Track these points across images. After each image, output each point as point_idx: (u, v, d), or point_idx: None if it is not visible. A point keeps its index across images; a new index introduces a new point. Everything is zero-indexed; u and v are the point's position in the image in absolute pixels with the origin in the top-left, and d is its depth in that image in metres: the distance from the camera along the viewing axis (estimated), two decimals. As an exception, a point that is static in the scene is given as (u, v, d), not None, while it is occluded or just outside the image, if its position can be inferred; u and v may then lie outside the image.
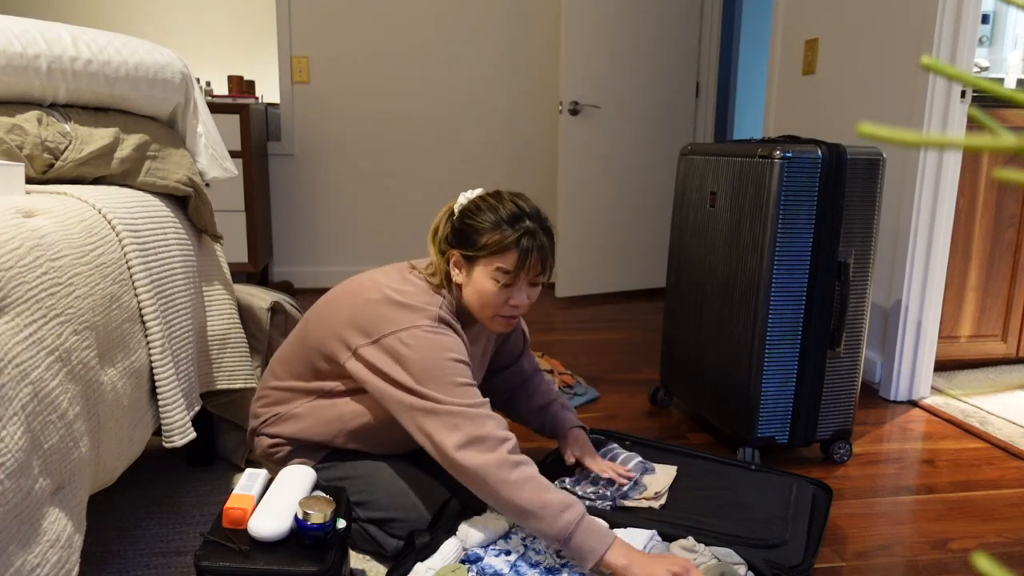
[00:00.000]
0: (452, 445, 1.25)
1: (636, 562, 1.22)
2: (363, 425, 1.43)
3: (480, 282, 1.38)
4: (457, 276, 1.42)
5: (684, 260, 2.16)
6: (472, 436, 1.26)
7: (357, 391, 1.43)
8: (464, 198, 1.44)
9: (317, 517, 1.17)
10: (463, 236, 1.39)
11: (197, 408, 1.55)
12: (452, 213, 1.45)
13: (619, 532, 1.41)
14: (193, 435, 1.39)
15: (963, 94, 2.27)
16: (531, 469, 1.27)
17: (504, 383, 1.75)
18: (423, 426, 1.28)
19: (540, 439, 2.08)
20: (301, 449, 1.51)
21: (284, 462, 1.51)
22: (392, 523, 1.42)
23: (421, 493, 1.43)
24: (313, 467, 1.48)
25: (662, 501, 1.57)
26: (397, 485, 1.44)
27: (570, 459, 1.63)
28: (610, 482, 1.59)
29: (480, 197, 1.42)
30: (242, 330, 1.82)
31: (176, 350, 1.45)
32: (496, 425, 1.29)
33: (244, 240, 3.52)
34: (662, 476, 1.65)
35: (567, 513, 1.24)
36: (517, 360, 1.75)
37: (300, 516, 1.17)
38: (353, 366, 1.36)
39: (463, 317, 1.47)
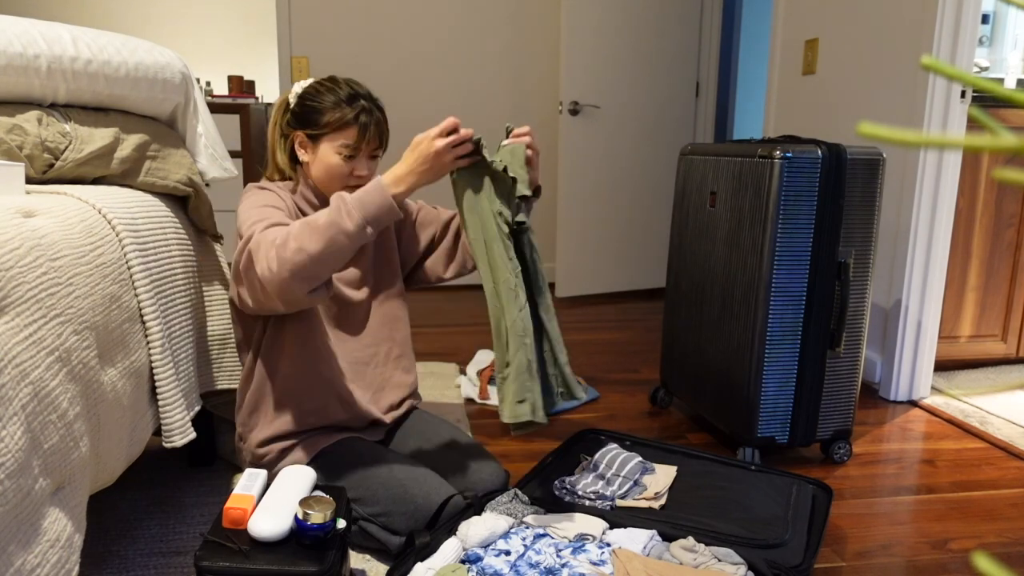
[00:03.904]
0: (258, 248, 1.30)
1: (404, 162, 1.33)
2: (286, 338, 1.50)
3: (326, 158, 1.50)
4: (303, 155, 1.54)
5: (684, 260, 2.16)
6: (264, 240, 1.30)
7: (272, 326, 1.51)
8: (299, 87, 1.55)
9: (317, 517, 1.17)
10: (306, 118, 1.51)
11: (197, 408, 1.55)
12: (288, 103, 1.56)
13: (619, 532, 1.41)
14: (193, 435, 1.39)
15: (963, 94, 2.27)
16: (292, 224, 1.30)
17: (437, 248, 1.73)
18: (246, 245, 1.34)
19: (544, 440, 2.08)
20: (289, 449, 1.52)
21: (274, 464, 1.52)
22: (391, 517, 1.42)
23: (420, 488, 1.43)
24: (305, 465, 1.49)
25: (662, 501, 1.57)
26: (393, 479, 1.44)
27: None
28: (610, 482, 1.59)
29: (317, 81, 1.54)
30: (242, 330, 1.82)
31: (176, 350, 1.45)
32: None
33: (244, 240, 3.52)
34: (662, 476, 1.65)
35: (345, 202, 1.28)
36: (444, 226, 1.71)
37: (300, 516, 1.17)
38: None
39: (317, 195, 1.57)
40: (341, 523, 1.23)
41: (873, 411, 2.36)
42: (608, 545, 1.37)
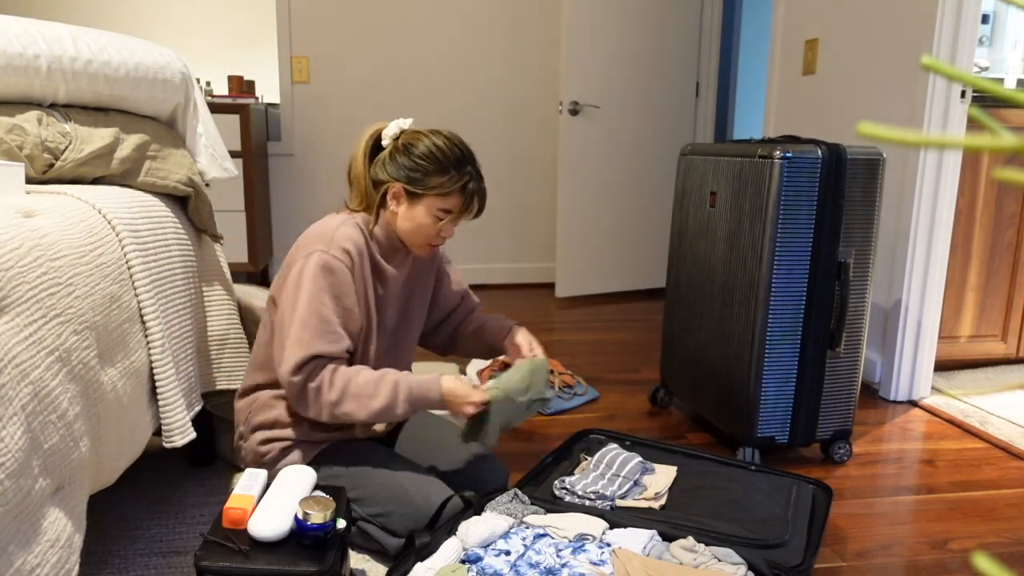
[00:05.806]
0: (289, 367, 1.38)
1: (454, 388, 1.42)
2: None
3: (420, 217, 1.46)
4: (393, 205, 1.48)
5: (684, 260, 2.16)
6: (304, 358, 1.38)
7: None
8: (396, 127, 1.47)
9: (317, 517, 1.17)
10: (409, 172, 1.44)
11: (197, 408, 1.55)
12: (379, 139, 1.49)
13: (619, 532, 1.41)
14: (193, 435, 1.39)
15: (963, 94, 2.27)
16: (351, 379, 1.39)
17: (452, 323, 1.77)
18: (278, 335, 1.41)
19: (544, 440, 2.08)
20: (291, 448, 1.51)
21: (275, 463, 1.51)
22: (390, 518, 1.42)
23: (419, 490, 1.43)
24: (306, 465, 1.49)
25: (662, 501, 1.57)
26: (393, 479, 1.44)
27: (518, 352, 1.68)
28: (610, 482, 1.59)
29: (423, 134, 1.46)
30: (242, 330, 1.82)
31: (176, 350, 1.45)
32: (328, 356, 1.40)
33: (244, 240, 3.52)
34: (662, 476, 1.65)
35: (399, 394, 1.39)
36: (462, 300, 1.77)
37: (300, 516, 1.17)
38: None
39: (388, 239, 1.52)
40: (341, 523, 1.23)
41: (873, 411, 2.36)
42: (608, 545, 1.37)
